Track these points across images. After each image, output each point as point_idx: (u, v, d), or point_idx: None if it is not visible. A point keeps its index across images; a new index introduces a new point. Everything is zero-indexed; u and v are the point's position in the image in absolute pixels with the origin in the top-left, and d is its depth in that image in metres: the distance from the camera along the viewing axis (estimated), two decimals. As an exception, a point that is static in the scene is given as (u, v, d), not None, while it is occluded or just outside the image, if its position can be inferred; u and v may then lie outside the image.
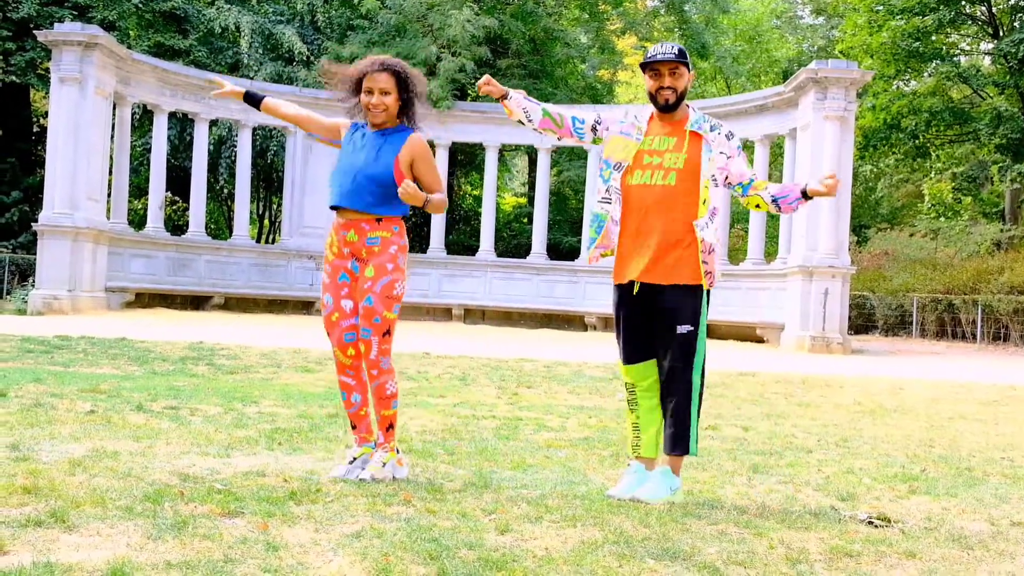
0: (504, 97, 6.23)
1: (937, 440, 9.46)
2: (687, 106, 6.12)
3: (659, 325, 5.97)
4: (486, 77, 6.18)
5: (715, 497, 6.04)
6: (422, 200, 5.92)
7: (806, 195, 6.14)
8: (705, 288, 6.01)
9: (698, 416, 6.03)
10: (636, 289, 6.00)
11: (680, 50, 6.03)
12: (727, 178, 6.12)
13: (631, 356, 6.09)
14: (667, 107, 6.03)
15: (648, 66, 6.05)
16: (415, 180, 6.13)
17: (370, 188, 6.05)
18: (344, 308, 6.17)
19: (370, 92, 6.13)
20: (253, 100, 6.66)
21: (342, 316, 6.17)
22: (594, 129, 6.25)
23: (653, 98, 6.08)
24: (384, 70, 6.16)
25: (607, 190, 6.08)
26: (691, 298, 5.97)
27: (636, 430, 6.12)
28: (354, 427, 6.29)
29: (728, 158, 6.06)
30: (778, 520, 5.41)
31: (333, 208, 6.19)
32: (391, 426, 6.18)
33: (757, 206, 6.27)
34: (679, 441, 5.95)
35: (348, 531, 4.68)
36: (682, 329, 5.92)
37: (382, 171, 6.06)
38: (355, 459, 6.15)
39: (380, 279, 6.08)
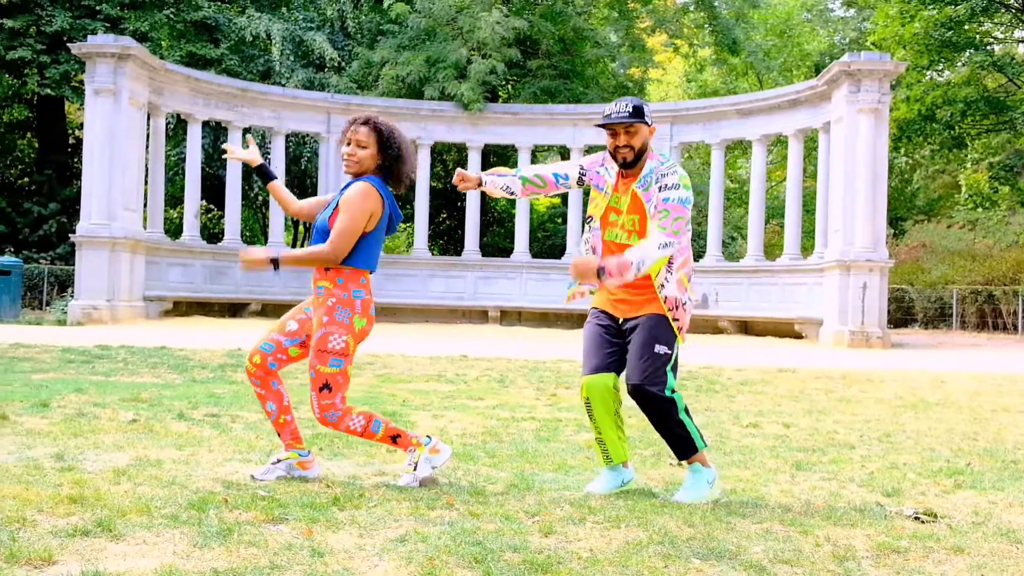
0: (479, 184, 6.30)
1: (981, 433, 9.39)
2: (649, 157, 6.08)
3: (635, 344, 6.02)
4: (459, 173, 6.24)
5: (758, 495, 6.02)
6: (264, 261, 5.95)
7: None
8: (675, 332, 6.06)
9: (687, 414, 6.07)
10: (622, 322, 6.12)
11: (635, 107, 6.01)
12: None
13: (596, 368, 6.12)
14: (625, 164, 6.05)
15: (604, 126, 6.06)
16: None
17: (316, 238, 6.12)
18: (285, 325, 6.17)
19: (348, 143, 6.14)
20: (264, 175, 6.59)
21: (278, 330, 6.17)
22: (580, 181, 6.34)
23: (612, 156, 6.11)
24: (365, 124, 6.17)
25: (585, 240, 6.26)
26: (667, 325, 6.01)
27: (601, 443, 6.17)
28: (279, 434, 6.23)
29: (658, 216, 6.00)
30: (823, 517, 5.38)
31: None
32: (395, 437, 6.13)
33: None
34: (687, 446, 6.00)
35: (392, 535, 4.69)
36: (659, 349, 5.95)
37: (323, 220, 6.11)
38: (279, 461, 6.13)
39: (317, 331, 6.00)
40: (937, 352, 24.64)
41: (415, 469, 6.03)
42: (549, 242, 42.02)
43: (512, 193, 6.32)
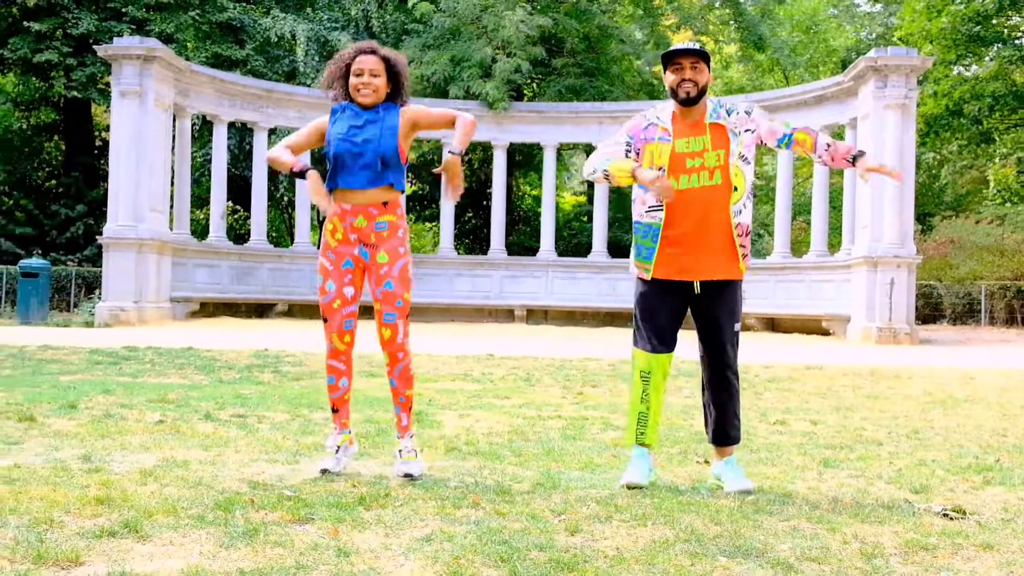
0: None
1: (1010, 430, 9.34)
2: (706, 99, 6.16)
3: (715, 323, 6.13)
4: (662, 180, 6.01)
5: (786, 492, 5.99)
6: (460, 155, 6.06)
7: (855, 161, 6.08)
8: (742, 279, 6.21)
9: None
10: (698, 288, 6.09)
11: (703, 49, 6.09)
12: (762, 141, 6.19)
13: (659, 346, 6.19)
14: (688, 100, 6.06)
15: (670, 61, 6.11)
16: (419, 131, 6.41)
17: (375, 165, 6.13)
18: (346, 295, 6.27)
19: (359, 74, 6.19)
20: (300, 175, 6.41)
21: (344, 303, 6.28)
22: (627, 153, 6.23)
23: (674, 92, 6.13)
24: (372, 53, 6.25)
25: (656, 198, 6.05)
26: (739, 294, 6.20)
27: (643, 420, 6.24)
28: (335, 411, 6.41)
29: (752, 131, 6.13)
30: (851, 514, 5.36)
31: (335, 189, 6.22)
32: (411, 408, 6.37)
33: (803, 142, 6.18)
34: (735, 432, 6.27)
35: (418, 535, 4.69)
36: (736, 327, 6.17)
37: (386, 147, 6.14)
38: (338, 448, 6.29)
39: (396, 263, 6.19)
40: (966, 348, 24.52)
41: (416, 456, 6.23)
42: (575, 240, 41.98)
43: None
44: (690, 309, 6.21)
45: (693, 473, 6.60)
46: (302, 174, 6.23)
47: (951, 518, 5.34)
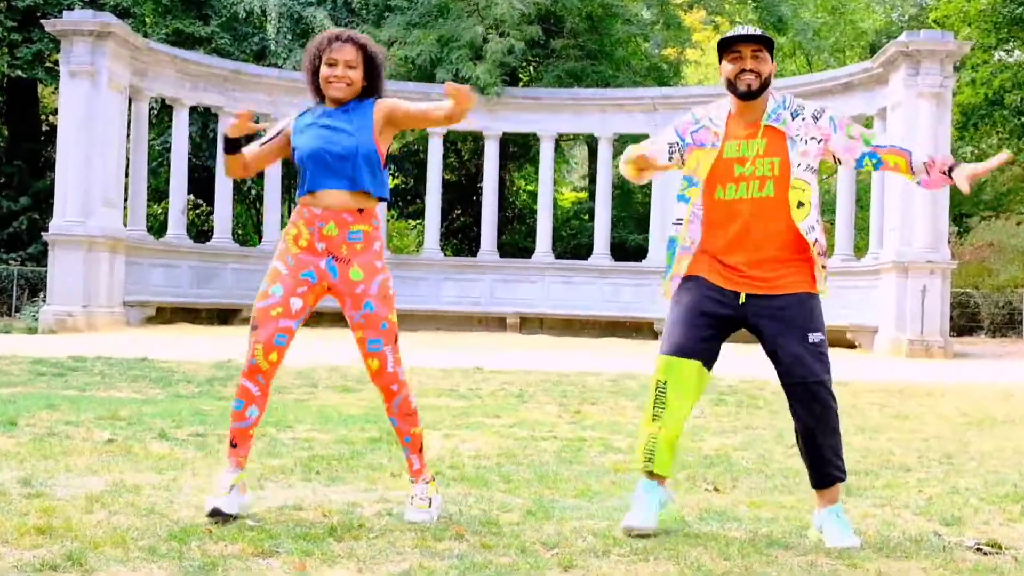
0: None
1: (1053, 455, 9.36)
2: (769, 93, 5.86)
3: (779, 330, 5.74)
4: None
5: (804, 523, 5.98)
6: (469, 96, 5.85)
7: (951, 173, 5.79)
8: (822, 295, 5.92)
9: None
10: (743, 299, 5.77)
11: (764, 33, 5.84)
12: (835, 158, 5.94)
13: (683, 347, 5.77)
14: (749, 94, 5.75)
15: (727, 48, 5.81)
16: (397, 129, 6.23)
17: (350, 168, 5.94)
18: (291, 306, 5.88)
19: (333, 64, 6.03)
20: (235, 146, 6.38)
21: (285, 314, 5.85)
22: (670, 158, 5.98)
23: (732, 85, 5.80)
24: (349, 42, 6.07)
25: (684, 208, 5.88)
26: (813, 304, 5.86)
27: (653, 442, 5.80)
28: (234, 445, 5.91)
29: (822, 141, 5.83)
30: (875, 549, 5.36)
31: (306, 194, 6.03)
32: (422, 448, 6.13)
33: (896, 165, 5.90)
34: (834, 470, 5.75)
35: (395, 570, 4.69)
36: (814, 337, 5.76)
37: (361, 147, 5.96)
38: (232, 487, 5.72)
39: (374, 279, 5.93)
40: (1005, 363, 24.56)
41: (430, 505, 5.93)
42: (574, 241, 42.02)
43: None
44: (747, 328, 5.86)
45: (702, 502, 6.59)
46: (229, 140, 6.27)
47: (985, 553, 5.34)
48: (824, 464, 5.72)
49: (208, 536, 5.15)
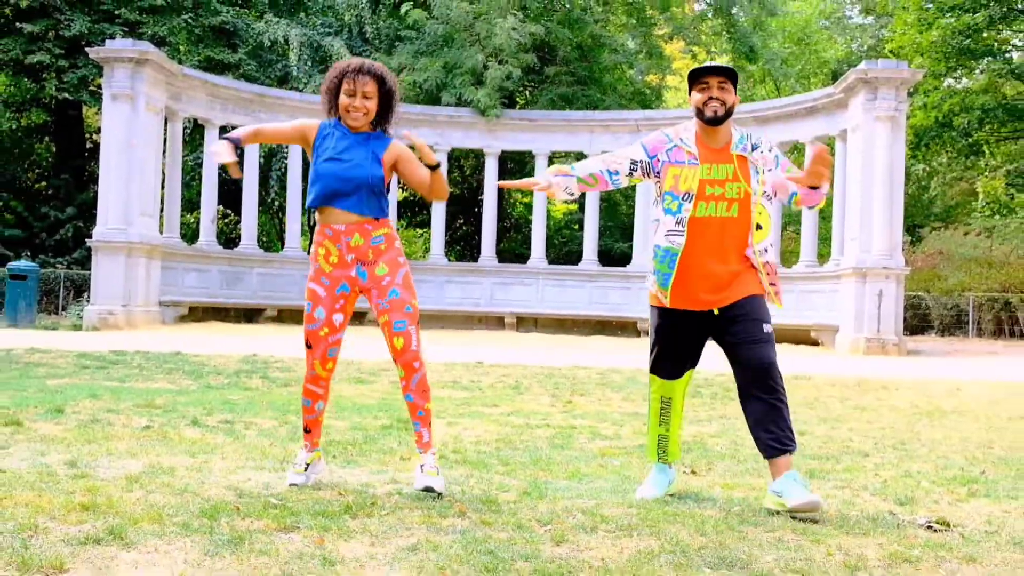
0: (548, 188, 6.16)
1: (996, 442, 9.35)
2: (731, 123, 6.03)
3: (742, 328, 5.87)
4: (539, 185, 6.19)
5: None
6: (434, 158, 6.06)
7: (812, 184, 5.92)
8: (777, 305, 6.08)
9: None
10: (716, 312, 5.94)
11: (730, 67, 5.98)
12: (770, 197, 6.04)
13: (676, 372, 6.17)
14: (715, 120, 5.90)
15: (697, 79, 5.98)
16: (399, 181, 6.35)
17: (368, 192, 6.04)
18: (335, 323, 6.12)
19: (352, 95, 6.04)
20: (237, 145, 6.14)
21: (331, 331, 6.13)
22: (631, 173, 6.11)
23: (700, 111, 5.95)
24: (367, 73, 6.07)
25: (677, 222, 5.91)
26: (763, 302, 6.00)
27: (664, 440, 6.24)
28: (307, 431, 6.29)
29: (769, 171, 5.99)
30: (835, 526, 5.36)
31: (317, 207, 6.11)
32: (431, 423, 6.16)
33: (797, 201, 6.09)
34: (789, 440, 5.90)
35: (404, 544, 4.68)
36: (767, 328, 5.91)
37: (375, 175, 6.04)
38: (308, 465, 6.17)
39: (397, 271, 6.06)
40: (953, 359, 24.56)
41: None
42: (565, 248, 42.02)
43: (571, 194, 6.26)
44: (713, 331, 6.04)
45: (679, 484, 6.58)
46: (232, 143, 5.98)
47: (935, 530, 5.35)
48: (784, 436, 5.91)
49: (236, 513, 5.15)
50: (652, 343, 6.22)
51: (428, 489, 5.80)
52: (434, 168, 6.10)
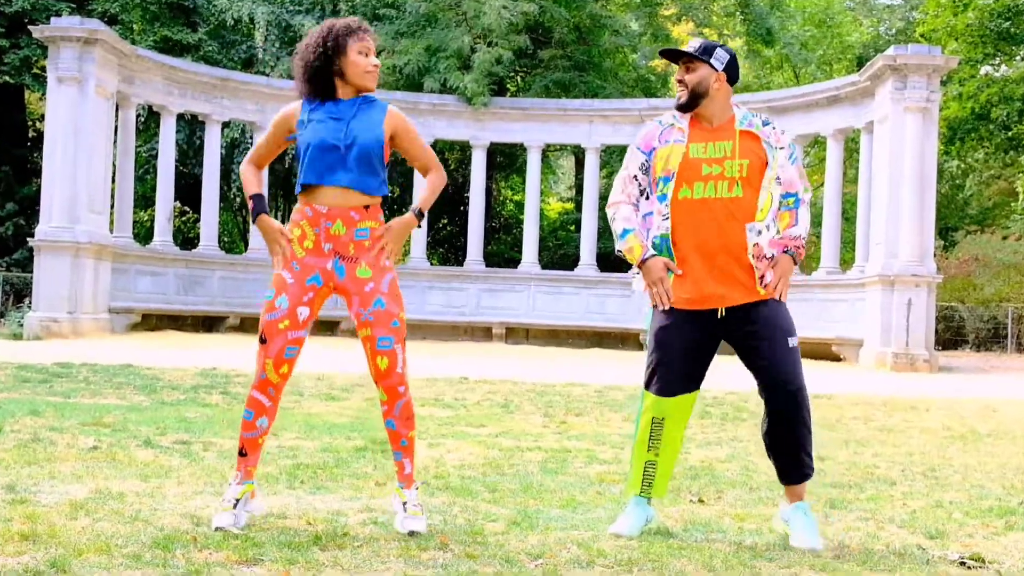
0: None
1: (1036, 469, 9.38)
2: (733, 105, 6.05)
3: (762, 343, 5.87)
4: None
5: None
6: (413, 223, 5.98)
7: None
8: (760, 293, 5.97)
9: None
10: (722, 314, 5.90)
11: (705, 46, 6.00)
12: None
13: (673, 388, 5.97)
14: (680, 106, 6.01)
15: (664, 55, 6.16)
16: (393, 146, 6.07)
17: (367, 159, 5.84)
18: (298, 316, 5.81)
19: (366, 53, 5.91)
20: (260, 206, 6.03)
21: (293, 326, 5.79)
22: (641, 188, 6.11)
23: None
24: (369, 30, 6.03)
25: (667, 205, 5.93)
26: (785, 310, 5.98)
27: (652, 468, 6.03)
28: (243, 454, 5.89)
29: (782, 156, 5.99)
30: (859, 562, 5.37)
31: (308, 187, 5.88)
32: (414, 453, 6.01)
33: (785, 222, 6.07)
34: (810, 464, 6.00)
35: (379, 579, 4.68)
36: (792, 342, 5.90)
37: (377, 138, 5.88)
38: (237, 502, 5.75)
39: (383, 277, 5.86)
40: (989, 377, 24.61)
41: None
42: (560, 252, 42.03)
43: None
44: (726, 340, 6.01)
45: (685, 513, 6.60)
46: (254, 216, 5.95)
47: (969, 567, 5.35)
48: (799, 462, 6.00)
49: (193, 544, 5.14)
50: (648, 353, 6.14)
51: (412, 534, 5.63)
52: (418, 223, 6.05)
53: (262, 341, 5.81)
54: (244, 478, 5.85)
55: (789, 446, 5.95)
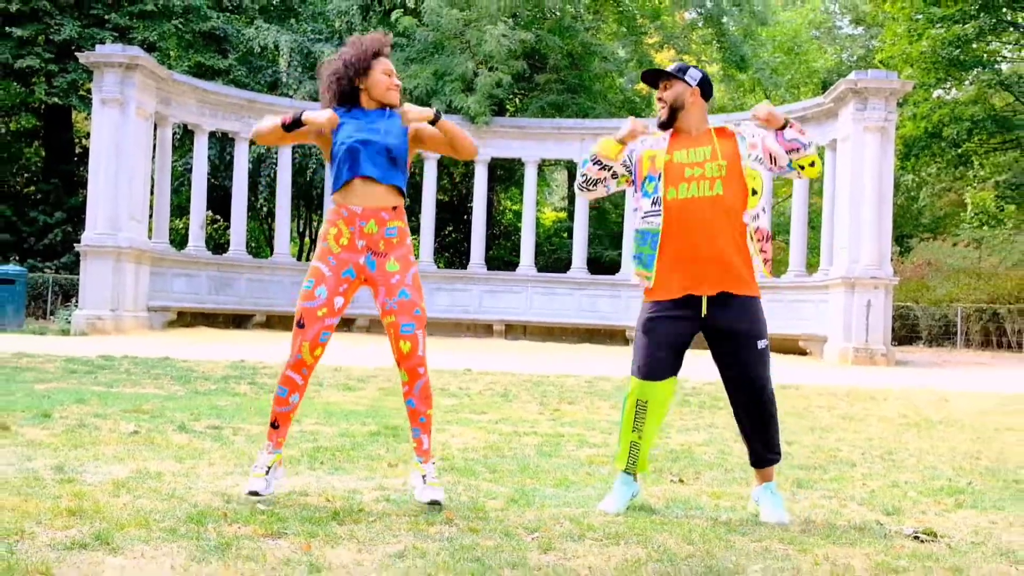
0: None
1: (984, 452, 9.37)
2: (702, 113, 6.09)
3: (732, 339, 5.91)
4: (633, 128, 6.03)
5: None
6: (428, 113, 5.97)
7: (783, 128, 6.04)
8: (764, 273, 6.07)
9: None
10: (704, 311, 5.90)
11: (679, 67, 6.06)
12: (773, 159, 6.02)
13: (655, 373, 5.97)
14: (661, 124, 6.05)
15: (645, 79, 6.16)
16: (417, 146, 6.23)
17: (395, 162, 6.00)
18: (334, 305, 5.92)
19: (390, 73, 6.12)
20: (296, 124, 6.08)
21: (328, 314, 5.90)
22: (615, 176, 6.16)
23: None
24: (387, 56, 6.21)
25: (653, 202, 5.93)
26: (759, 311, 5.99)
27: (635, 448, 6.06)
28: (275, 426, 6.00)
29: (763, 139, 6.02)
30: (823, 536, 5.37)
31: (343, 185, 5.97)
32: (431, 430, 6.05)
33: (808, 165, 6.12)
34: (774, 451, 6.06)
35: (391, 551, 4.68)
36: (761, 344, 5.92)
37: (402, 145, 6.03)
38: (268, 469, 5.91)
39: (408, 270, 5.97)
40: (941, 370, 24.61)
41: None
42: (555, 256, 41.98)
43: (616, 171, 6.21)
44: (703, 333, 6.01)
45: (667, 492, 6.60)
46: (296, 121, 6.00)
47: (922, 541, 5.36)
48: (769, 448, 6.07)
49: (223, 519, 5.15)
50: (636, 342, 6.14)
51: (433, 503, 5.69)
52: (434, 122, 6.01)
53: (299, 326, 5.90)
54: (274, 447, 5.98)
55: (758, 435, 6.01)
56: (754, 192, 5.95)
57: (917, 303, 35.63)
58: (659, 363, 5.97)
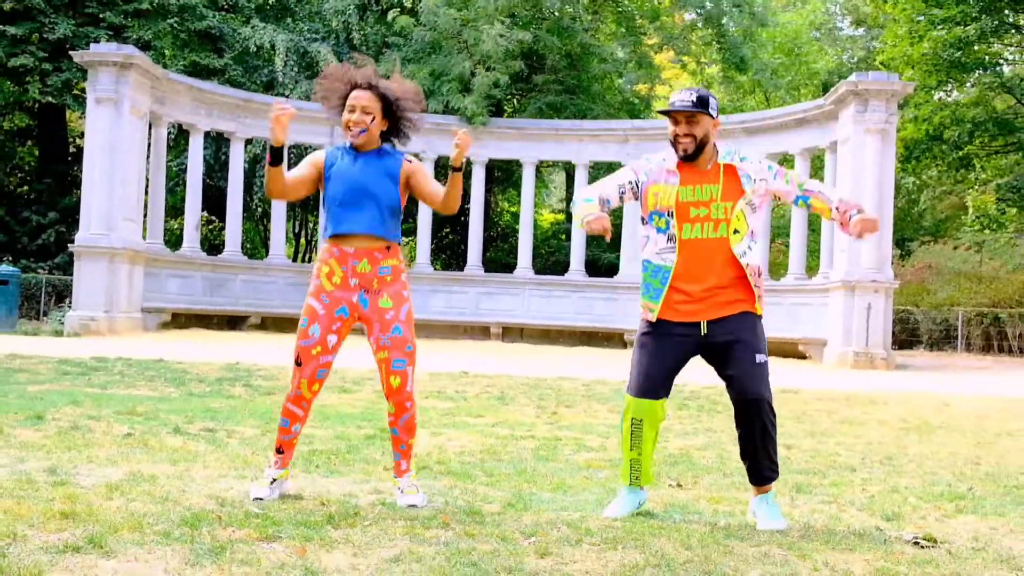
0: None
1: (984, 457, 9.38)
2: (714, 143, 6.02)
3: (731, 352, 5.90)
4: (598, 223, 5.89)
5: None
6: (463, 163, 6.06)
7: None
8: (759, 314, 6.02)
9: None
10: (704, 331, 5.91)
11: (700, 97, 5.91)
12: (778, 199, 6.11)
13: (650, 391, 5.98)
14: (686, 157, 5.93)
15: (666, 113, 5.98)
16: (410, 195, 6.28)
17: (382, 212, 6.04)
18: (328, 343, 6.06)
19: (352, 110, 6.05)
20: (278, 157, 6.10)
21: (324, 351, 6.05)
22: (621, 196, 6.13)
23: (673, 145, 5.99)
24: (367, 88, 6.08)
25: (668, 239, 5.92)
26: (760, 328, 5.99)
27: (637, 465, 6.09)
28: (280, 452, 6.15)
29: (764, 181, 5.99)
30: (822, 541, 5.37)
31: (337, 236, 6.05)
32: (411, 455, 6.21)
33: (820, 208, 6.12)
34: (768, 472, 6.04)
35: (387, 555, 4.68)
36: (760, 359, 5.91)
37: (386, 195, 6.05)
38: (274, 480, 6.05)
39: (401, 307, 6.08)
40: (942, 374, 24.60)
41: (417, 490, 6.02)
42: (552, 258, 41.99)
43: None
44: (702, 355, 6.04)
45: (665, 497, 6.61)
46: (274, 150, 6.02)
47: (922, 546, 5.36)
48: (764, 468, 6.05)
49: (218, 522, 5.15)
50: (632, 357, 6.16)
51: (412, 506, 5.84)
52: (457, 170, 6.09)
53: (297, 364, 6.07)
54: (281, 466, 6.12)
55: (756, 453, 6.01)
56: (735, 231, 5.92)
57: (917, 307, 35.62)
58: (651, 382, 5.99)
